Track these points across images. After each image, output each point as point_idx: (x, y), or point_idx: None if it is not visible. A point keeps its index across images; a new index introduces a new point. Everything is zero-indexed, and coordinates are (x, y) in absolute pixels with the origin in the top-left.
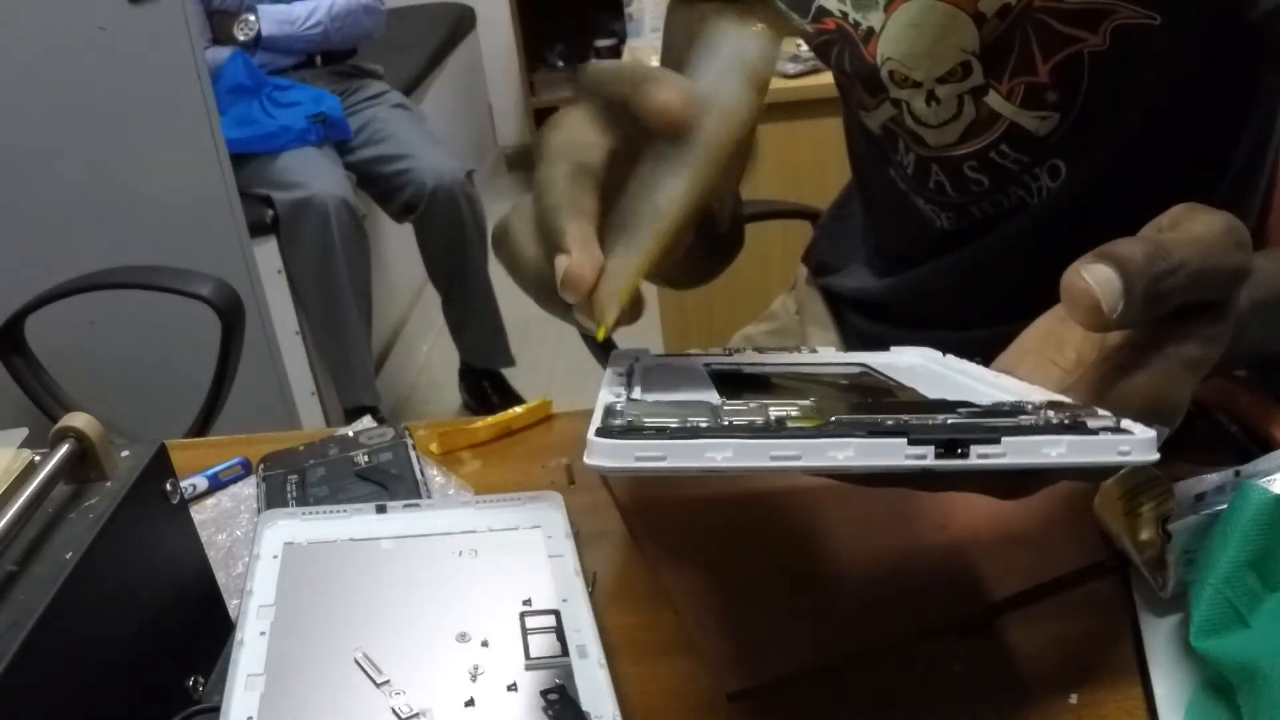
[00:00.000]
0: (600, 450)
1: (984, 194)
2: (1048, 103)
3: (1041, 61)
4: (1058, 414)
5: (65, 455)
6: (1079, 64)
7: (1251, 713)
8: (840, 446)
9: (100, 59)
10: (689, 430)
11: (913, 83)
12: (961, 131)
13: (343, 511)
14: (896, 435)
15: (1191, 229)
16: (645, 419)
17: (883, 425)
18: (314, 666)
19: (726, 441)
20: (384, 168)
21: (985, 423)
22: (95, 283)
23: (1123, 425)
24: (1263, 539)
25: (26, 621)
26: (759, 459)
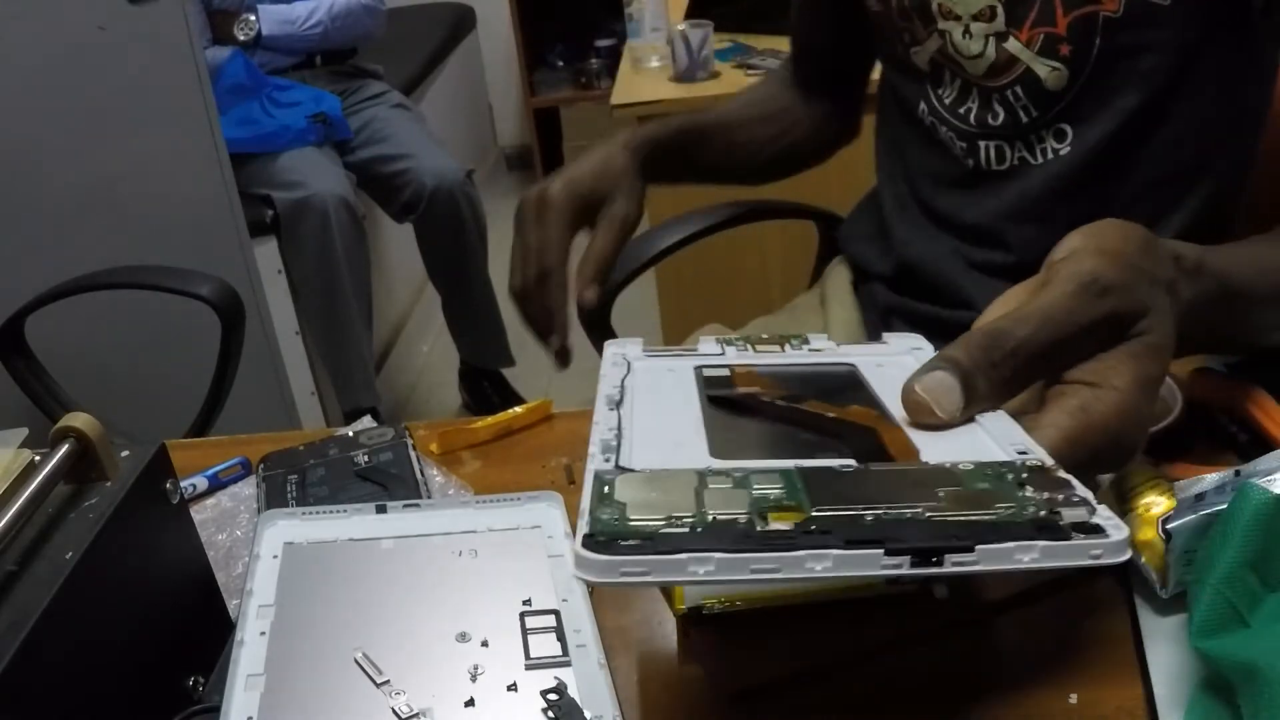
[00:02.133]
0: (587, 564)
1: (997, 134)
2: (1061, 54)
3: (1062, 14)
4: (1035, 492)
5: (65, 455)
6: (1094, 24)
7: (1251, 713)
8: (819, 559)
9: (100, 59)
10: (672, 541)
11: (955, 15)
12: (986, 68)
13: (343, 511)
14: (873, 546)
15: (1040, 300)
16: (630, 517)
17: (860, 533)
18: (314, 666)
19: (709, 555)
20: (384, 168)
21: (961, 522)
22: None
23: (1096, 520)
24: (1263, 539)
25: (26, 621)
26: (739, 573)
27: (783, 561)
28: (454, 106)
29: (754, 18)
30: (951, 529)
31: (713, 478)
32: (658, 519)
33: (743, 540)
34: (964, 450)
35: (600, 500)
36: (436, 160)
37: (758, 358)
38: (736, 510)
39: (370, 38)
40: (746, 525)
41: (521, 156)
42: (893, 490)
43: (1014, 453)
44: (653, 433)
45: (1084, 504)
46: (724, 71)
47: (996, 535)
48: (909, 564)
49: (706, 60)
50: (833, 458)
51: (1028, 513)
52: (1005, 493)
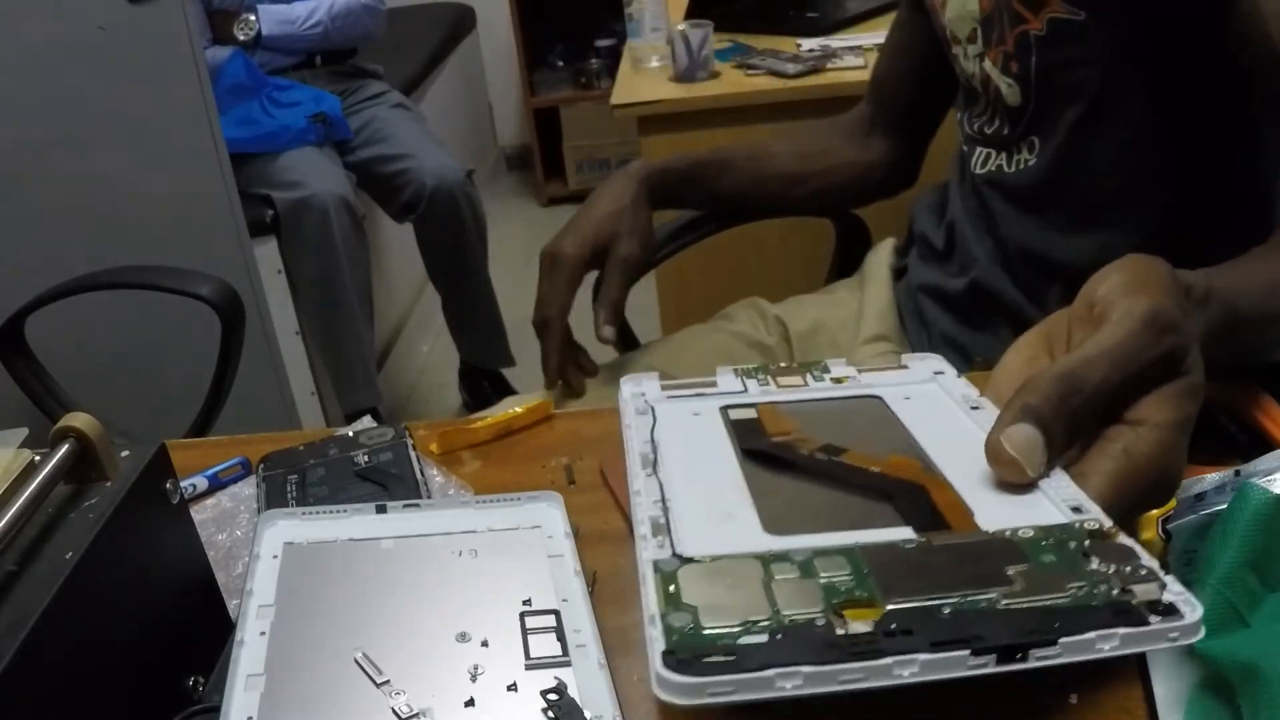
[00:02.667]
0: (672, 687)
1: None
2: (1013, 71)
3: (1009, 31)
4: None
5: (65, 455)
6: (1029, 43)
7: (1251, 713)
8: (905, 664)
9: (100, 59)
10: (754, 656)
11: (959, 40)
12: (980, 85)
13: (343, 511)
14: (958, 646)
15: (1106, 340)
16: (704, 625)
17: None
18: (314, 666)
19: (796, 670)
20: (384, 168)
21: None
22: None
23: (1169, 597)
24: (1263, 539)
25: (26, 621)
26: (828, 685)
27: (870, 671)
28: (454, 106)
29: (754, 18)
30: (1031, 620)
31: (776, 564)
32: (734, 626)
33: (826, 650)
34: (1018, 510)
35: (668, 602)
36: (436, 160)
37: (781, 393)
38: (810, 609)
39: (370, 38)
40: (825, 629)
41: (521, 156)
42: (961, 571)
43: (1068, 510)
44: (697, 503)
45: (1154, 578)
46: (724, 71)
47: (1076, 625)
48: (994, 662)
49: (706, 60)
50: (888, 525)
51: (1100, 592)
52: (1074, 568)
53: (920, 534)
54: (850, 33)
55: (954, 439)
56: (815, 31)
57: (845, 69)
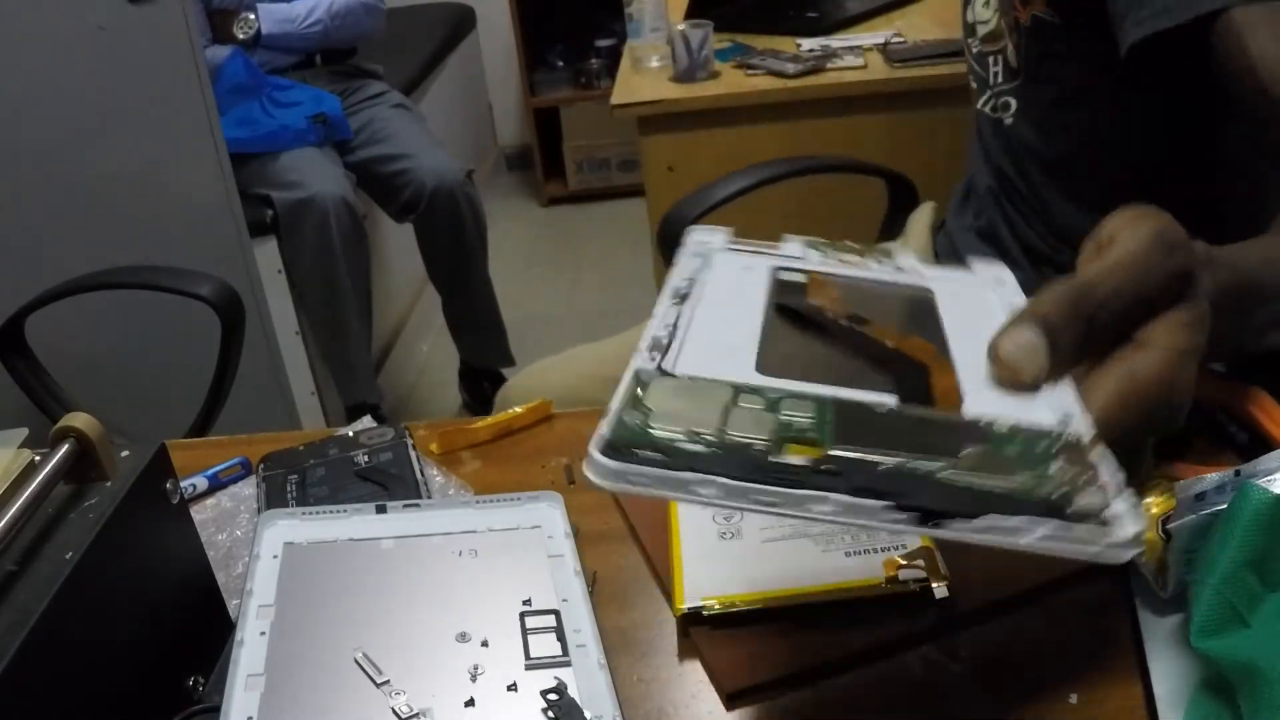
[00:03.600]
0: (597, 467)
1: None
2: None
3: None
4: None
5: (65, 455)
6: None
7: (1251, 713)
8: (820, 500)
9: (100, 59)
10: (684, 459)
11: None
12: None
13: (343, 511)
14: (877, 497)
15: (1117, 253)
16: (651, 425)
17: (871, 481)
18: (314, 666)
19: (714, 479)
20: (384, 168)
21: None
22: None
23: (1109, 514)
24: (1263, 539)
25: (26, 621)
26: (739, 500)
27: (785, 498)
28: (454, 106)
29: (754, 18)
30: (963, 494)
31: (746, 396)
32: (678, 432)
33: (753, 469)
34: (1008, 408)
35: (631, 402)
36: (436, 160)
37: (839, 267)
38: (758, 435)
39: (370, 37)
40: (761, 453)
41: (521, 156)
42: (920, 439)
43: (1056, 417)
44: (708, 335)
45: (1101, 492)
46: (724, 71)
47: (1004, 508)
48: (912, 522)
49: (706, 60)
50: (875, 390)
51: (1043, 490)
52: (1030, 464)
53: (900, 402)
54: (850, 33)
55: (982, 343)
56: (815, 31)
57: (845, 69)
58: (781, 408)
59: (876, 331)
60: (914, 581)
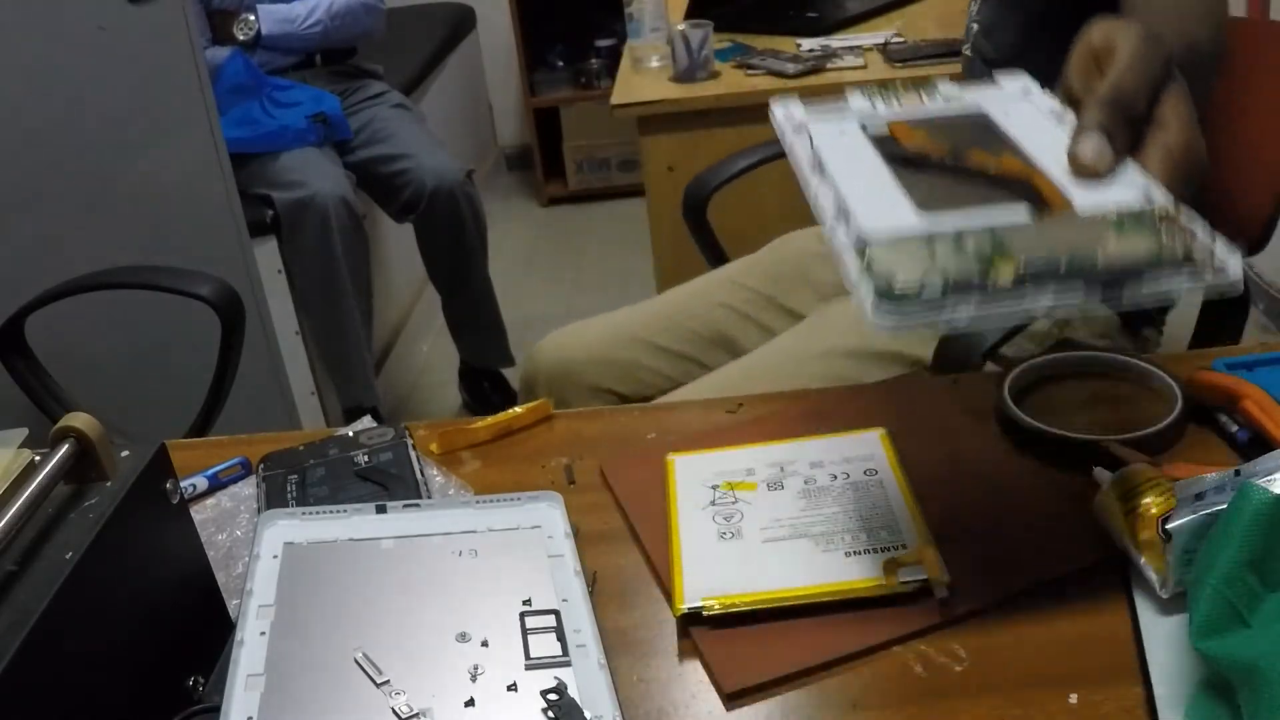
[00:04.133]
0: (883, 314)
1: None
2: None
3: None
4: (1169, 236)
5: (65, 455)
6: None
7: (1251, 713)
8: (1039, 296)
9: (100, 59)
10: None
11: None
12: None
13: (343, 511)
14: (1068, 282)
15: (1125, 56)
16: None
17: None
18: (314, 666)
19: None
20: (384, 168)
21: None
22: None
23: (1215, 261)
24: (1263, 539)
25: (26, 621)
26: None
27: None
28: (454, 106)
29: (754, 18)
30: (1124, 265)
31: (938, 242)
32: (915, 280)
33: (981, 293)
34: (1104, 196)
35: (866, 269)
36: (436, 160)
37: (905, 111)
38: (968, 265)
39: (370, 37)
40: (982, 279)
41: (521, 156)
42: (1059, 240)
43: (1143, 196)
44: (864, 197)
45: (1206, 246)
46: (724, 71)
47: (1154, 270)
48: (1100, 293)
49: (706, 60)
50: (1008, 205)
51: (1172, 251)
52: (1151, 238)
53: (1033, 213)
54: (850, 33)
55: (1048, 142)
56: (815, 31)
57: (845, 69)
58: (965, 241)
59: (976, 158)
60: (914, 581)
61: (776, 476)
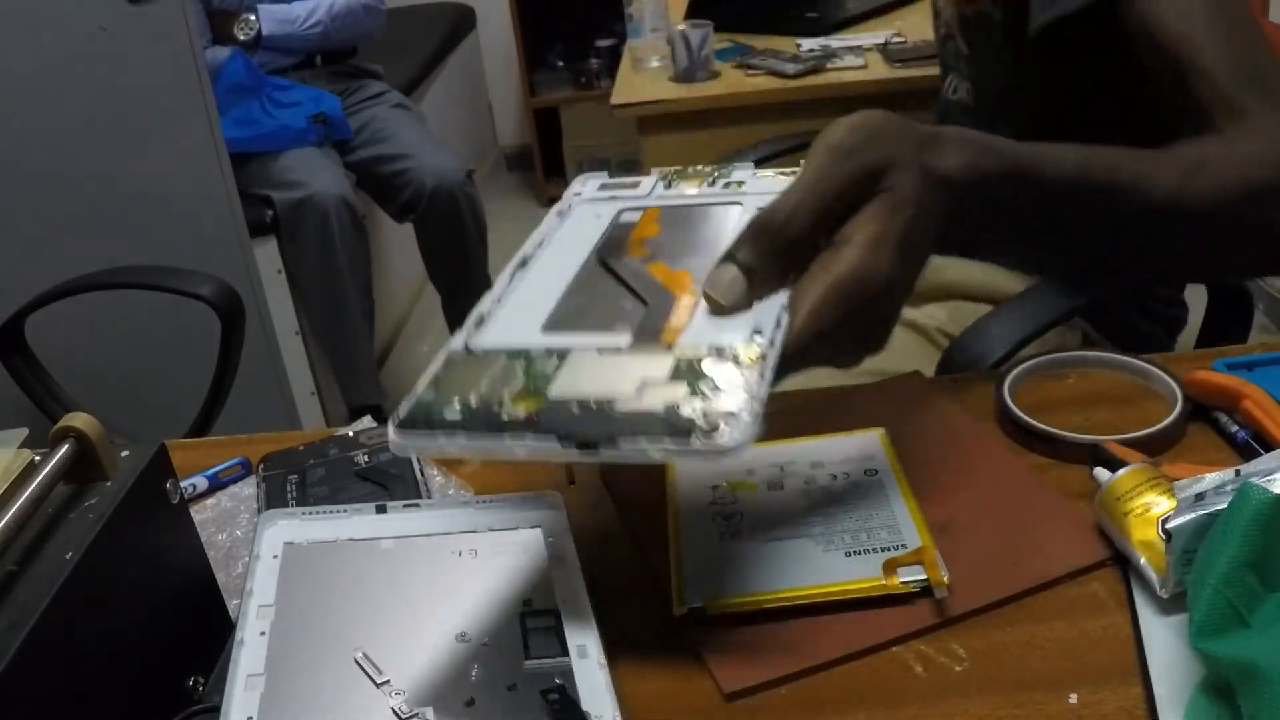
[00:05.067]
0: (391, 441)
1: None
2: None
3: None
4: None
5: (65, 455)
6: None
7: (1251, 713)
8: (517, 443)
9: (100, 59)
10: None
11: None
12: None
13: (343, 511)
14: (559, 437)
15: (797, 178)
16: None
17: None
18: (314, 666)
19: (455, 436)
20: (384, 168)
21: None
22: (95, 283)
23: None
24: (1263, 539)
25: (26, 621)
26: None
27: (493, 446)
28: (454, 106)
29: (754, 18)
30: (623, 424)
31: (514, 360)
32: (450, 403)
33: (486, 425)
34: (716, 332)
35: (433, 383)
36: (436, 160)
37: (674, 198)
38: (500, 395)
39: (370, 37)
40: (497, 412)
41: (521, 156)
42: (618, 378)
43: (748, 333)
44: (523, 301)
45: (731, 403)
46: (724, 71)
47: (643, 429)
48: (576, 452)
49: (706, 60)
50: (619, 331)
51: (683, 412)
52: (689, 383)
53: (634, 341)
54: (850, 33)
55: None
56: (815, 31)
57: (845, 69)
58: (534, 366)
59: (656, 269)
60: (914, 581)
61: (776, 476)
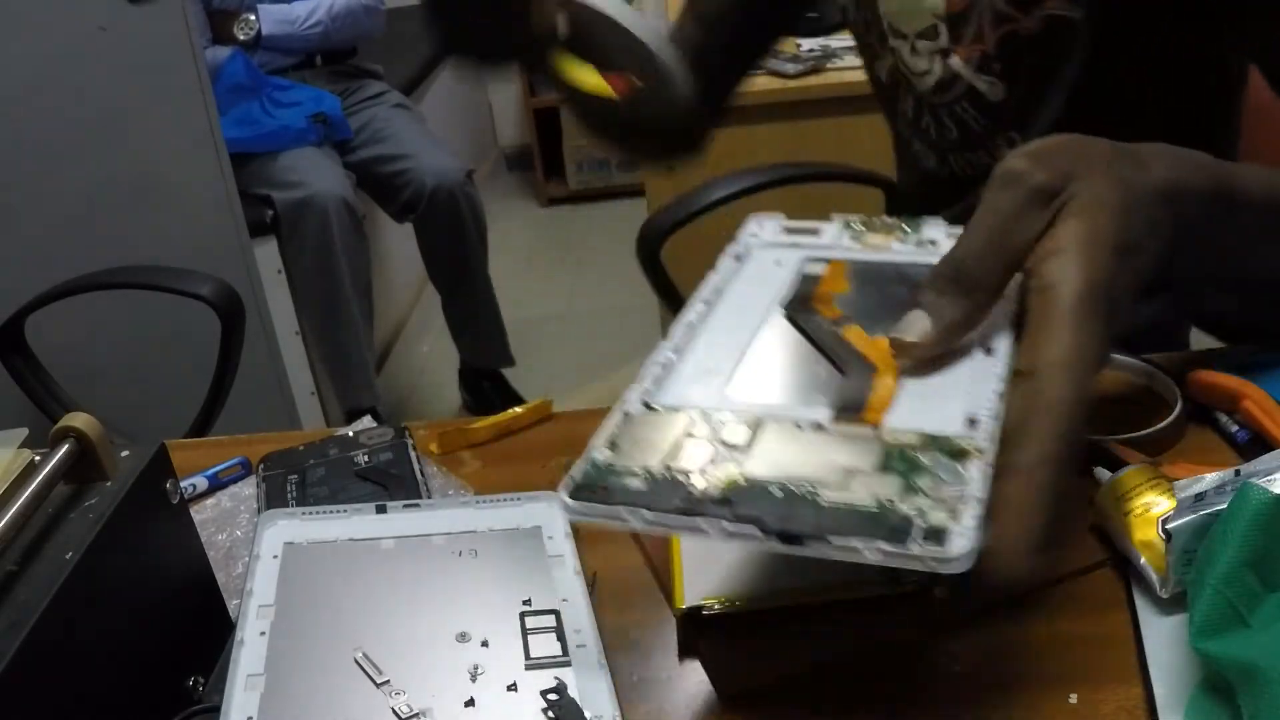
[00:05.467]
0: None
1: (957, 147)
2: (994, 71)
3: (991, 31)
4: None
5: (65, 455)
6: (1018, 41)
7: (1251, 713)
8: (712, 528)
9: (100, 59)
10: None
11: (901, 34)
12: (934, 85)
13: (343, 511)
14: (758, 524)
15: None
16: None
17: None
18: (314, 666)
19: (638, 511)
20: (384, 168)
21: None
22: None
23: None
24: (1263, 539)
25: (26, 621)
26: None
27: (684, 524)
28: (454, 106)
29: None
30: (828, 518)
31: (701, 423)
32: (631, 469)
33: (674, 500)
34: (927, 412)
35: (609, 441)
36: (436, 160)
37: (864, 252)
38: (688, 467)
39: (370, 37)
40: (683, 485)
41: (521, 156)
42: (821, 459)
43: (963, 423)
44: (705, 356)
45: (952, 507)
46: None
47: (855, 529)
48: (777, 541)
49: None
50: (817, 403)
51: (899, 509)
52: (906, 480)
53: (835, 416)
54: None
55: None
56: (815, 31)
57: (845, 69)
58: (724, 434)
59: (849, 333)
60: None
61: None
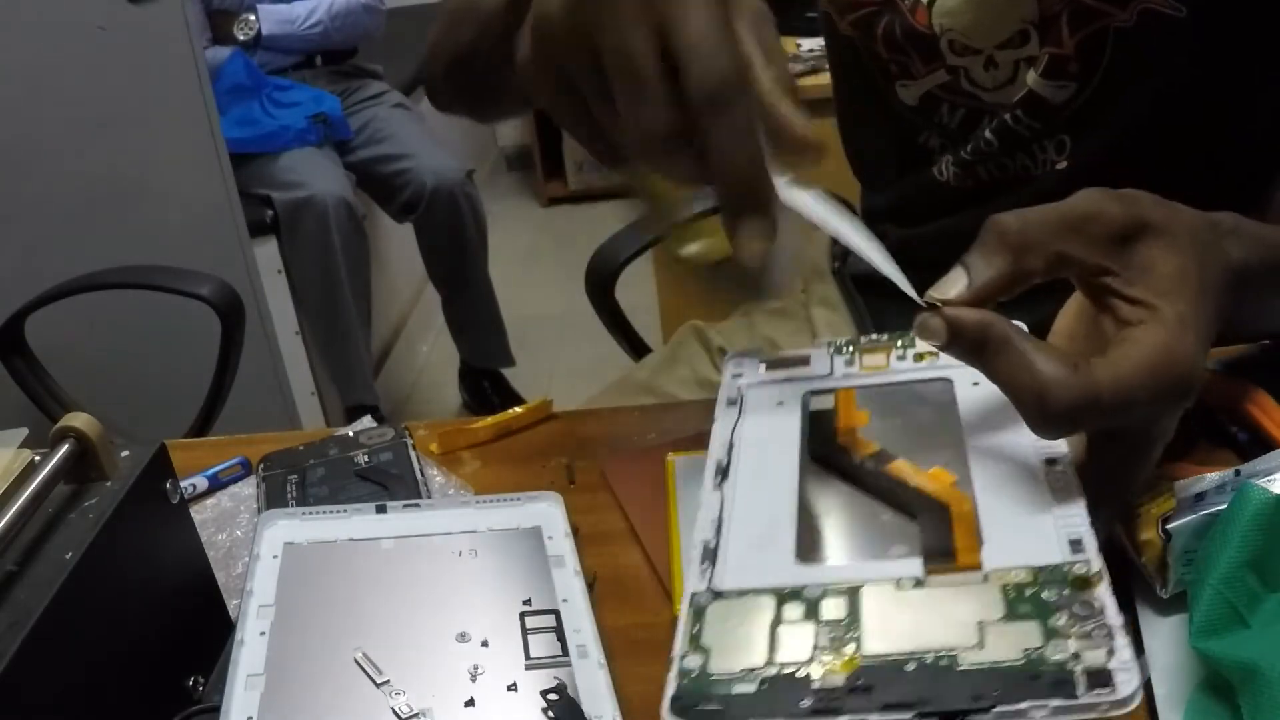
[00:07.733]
0: None
1: (996, 154)
2: (1068, 73)
3: (1069, 35)
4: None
5: (65, 455)
6: (1104, 38)
7: (1251, 713)
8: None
9: (100, 59)
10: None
11: (974, 50)
12: (1010, 97)
13: (343, 511)
14: (905, 708)
15: None
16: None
17: (897, 692)
18: (314, 666)
19: None
20: (384, 168)
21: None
22: (95, 283)
23: (1112, 665)
24: (1263, 539)
25: (26, 621)
26: None
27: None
28: None
29: None
30: (980, 683)
31: (789, 604)
32: (734, 673)
33: (798, 699)
34: (1024, 542)
35: (691, 642)
36: (436, 160)
37: (862, 376)
38: (798, 659)
39: (370, 37)
40: (804, 681)
41: (521, 156)
42: (937, 619)
43: (1067, 547)
44: (750, 522)
45: (1106, 643)
46: None
47: (1016, 693)
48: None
49: None
50: (904, 555)
51: (1051, 659)
52: (1042, 623)
53: (928, 566)
54: None
55: (1000, 442)
56: (815, 31)
57: None
58: (820, 611)
59: (899, 470)
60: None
61: None
